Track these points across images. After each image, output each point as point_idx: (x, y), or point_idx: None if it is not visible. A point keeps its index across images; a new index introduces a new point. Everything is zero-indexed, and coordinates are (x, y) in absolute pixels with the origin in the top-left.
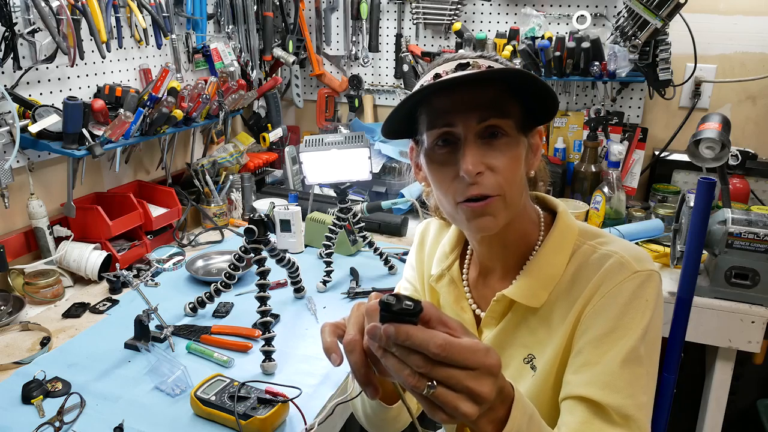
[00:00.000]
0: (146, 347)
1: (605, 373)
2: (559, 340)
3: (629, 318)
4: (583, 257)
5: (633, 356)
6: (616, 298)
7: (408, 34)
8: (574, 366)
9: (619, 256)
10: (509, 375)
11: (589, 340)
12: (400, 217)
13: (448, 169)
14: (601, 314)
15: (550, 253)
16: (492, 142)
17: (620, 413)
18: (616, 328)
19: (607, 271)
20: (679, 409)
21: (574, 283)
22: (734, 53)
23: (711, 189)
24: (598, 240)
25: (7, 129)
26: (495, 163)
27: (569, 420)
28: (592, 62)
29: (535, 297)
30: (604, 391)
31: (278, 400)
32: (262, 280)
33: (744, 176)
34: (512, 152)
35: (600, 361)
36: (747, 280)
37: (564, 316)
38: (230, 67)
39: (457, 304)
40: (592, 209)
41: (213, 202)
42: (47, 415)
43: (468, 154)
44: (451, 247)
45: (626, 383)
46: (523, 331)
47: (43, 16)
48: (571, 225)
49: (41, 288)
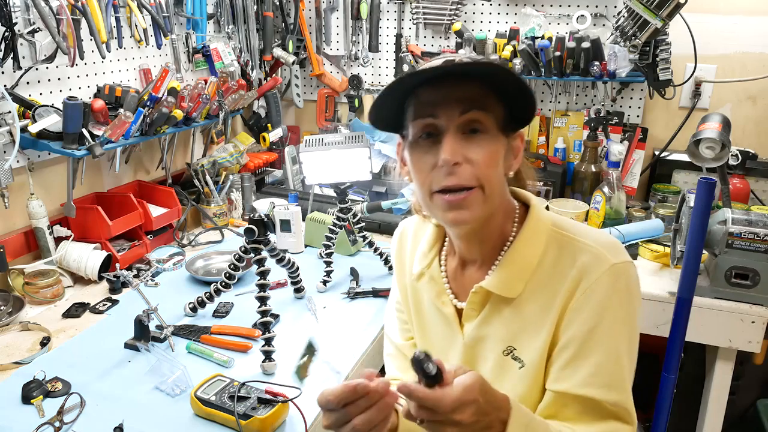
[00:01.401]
0: (146, 347)
1: (601, 373)
2: (544, 333)
3: (612, 312)
4: (558, 248)
5: (623, 350)
6: (596, 293)
7: (408, 34)
8: (561, 360)
9: (594, 249)
10: (490, 368)
11: (575, 336)
12: (400, 217)
13: (427, 159)
14: (584, 309)
15: (524, 244)
16: (472, 137)
17: (617, 407)
18: (601, 324)
19: (584, 265)
20: (679, 409)
21: (552, 274)
22: (734, 53)
23: (711, 189)
24: (572, 231)
25: (7, 129)
26: (473, 156)
27: (565, 413)
28: (592, 62)
29: (511, 288)
30: (603, 389)
31: (278, 400)
32: (262, 280)
33: (744, 176)
34: (491, 147)
35: (591, 358)
36: (747, 280)
37: (546, 309)
38: (230, 67)
39: (438, 299)
40: (592, 209)
41: (213, 202)
42: (47, 415)
43: (447, 144)
44: (430, 245)
45: (620, 379)
46: (501, 323)
47: (43, 16)
48: (544, 217)
49: (41, 288)
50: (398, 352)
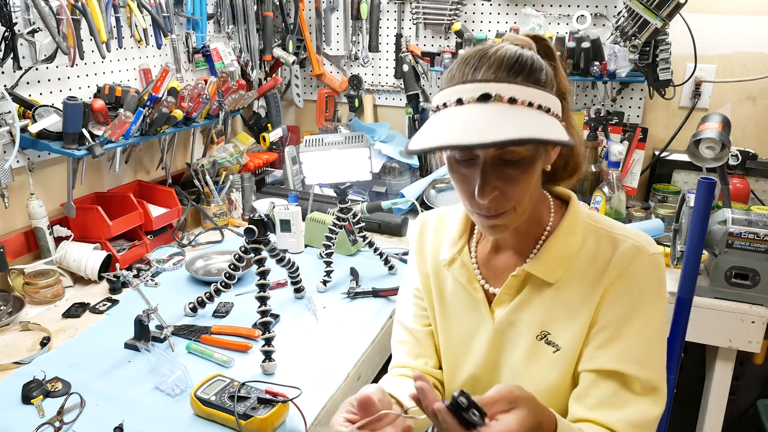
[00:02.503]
0: (146, 347)
1: (635, 349)
2: (583, 319)
3: (650, 298)
4: (596, 240)
5: (657, 333)
6: (637, 279)
7: (408, 34)
8: (597, 341)
9: (633, 240)
10: (521, 352)
11: (614, 318)
12: (400, 217)
13: (465, 184)
14: (624, 295)
15: (565, 233)
16: (507, 168)
17: (649, 385)
18: (639, 307)
19: (624, 254)
20: (679, 409)
21: (592, 264)
22: (734, 53)
23: (711, 189)
24: (607, 224)
25: (7, 129)
26: (508, 190)
27: (596, 393)
28: (592, 62)
29: (552, 272)
30: (636, 366)
31: (278, 400)
32: (262, 280)
33: (744, 176)
34: (527, 177)
35: (627, 338)
36: (747, 280)
37: (585, 295)
38: (230, 67)
39: (470, 285)
40: (592, 209)
41: (213, 202)
42: (47, 415)
43: (482, 185)
44: (459, 233)
45: (655, 358)
46: (537, 307)
47: (43, 16)
48: (581, 210)
49: (41, 288)
50: (411, 337)
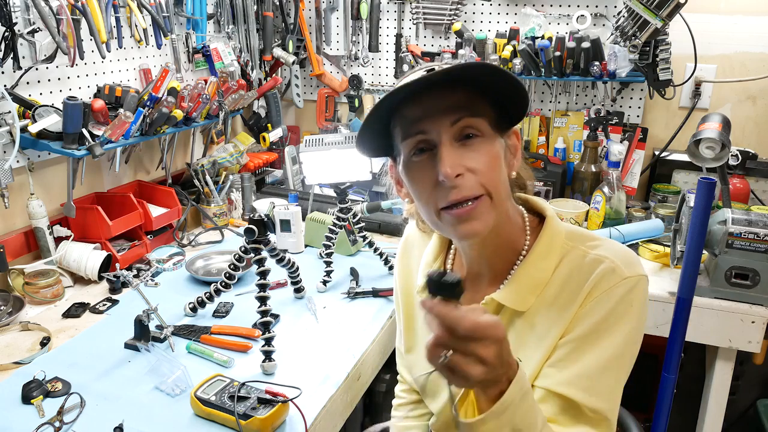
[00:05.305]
0: (146, 347)
1: (587, 376)
2: (547, 344)
3: (613, 322)
4: (574, 262)
5: (614, 361)
6: (603, 303)
7: (408, 34)
8: (553, 359)
9: (610, 261)
10: None
11: (572, 339)
12: (400, 217)
13: (427, 177)
14: (588, 316)
15: (539, 258)
16: (468, 143)
17: (597, 415)
18: (599, 332)
19: (598, 276)
20: (679, 409)
21: (564, 288)
22: (734, 53)
23: (711, 189)
24: (588, 244)
25: (7, 129)
26: (473, 164)
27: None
28: (592, 62)
29: (523, 301)
30: (585, 393)
31: (278, 400)
32: (262, 280)
33: (744, 176)
34: (490, 151)
35: (580, 361)
36: (747, 280)
37: (554, 321)
38: (230, 67)
39: None
40: (592, 209)
41: (213, 202)
42: (47, 415)
43: (445, 157)
44: (434, 255)
45: (606, 388)
46: (509, 335)
47: (43, 16)
48: (559, 229)
49: (41, 288)
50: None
